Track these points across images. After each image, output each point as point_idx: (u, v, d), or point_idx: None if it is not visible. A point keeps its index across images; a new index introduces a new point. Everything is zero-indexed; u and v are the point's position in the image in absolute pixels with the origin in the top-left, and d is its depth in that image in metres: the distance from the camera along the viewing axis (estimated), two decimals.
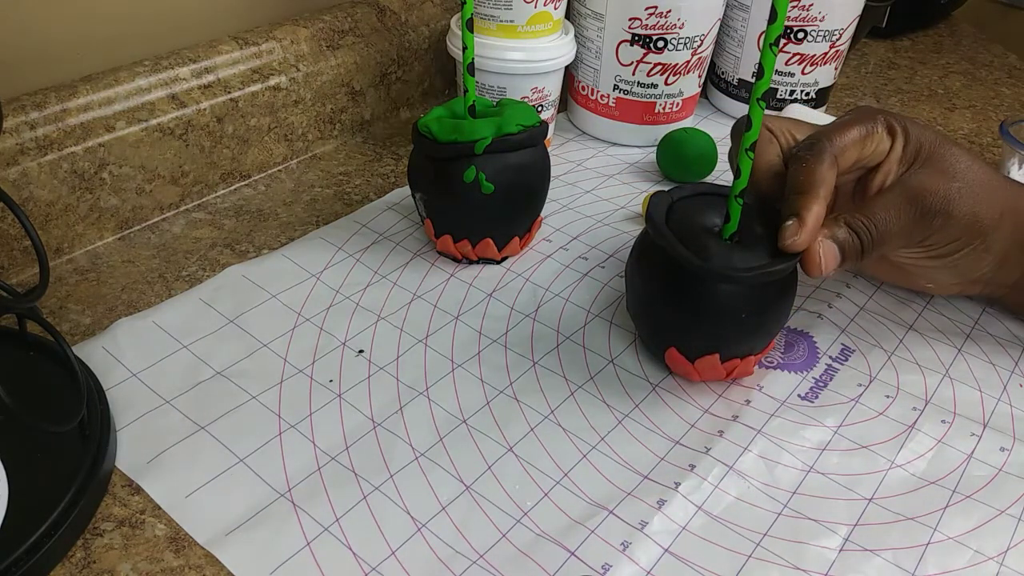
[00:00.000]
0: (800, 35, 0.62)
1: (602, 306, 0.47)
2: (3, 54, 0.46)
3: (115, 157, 0.48)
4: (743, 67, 0.65)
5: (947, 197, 0.39)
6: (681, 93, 0.61)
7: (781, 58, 0.63)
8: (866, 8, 0.64)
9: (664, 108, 0.61)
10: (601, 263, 0.50)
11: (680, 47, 0.58)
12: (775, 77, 0.64)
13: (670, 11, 0.56)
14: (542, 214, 0.51)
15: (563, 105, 0.66)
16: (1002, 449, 0.39)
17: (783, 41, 0.62)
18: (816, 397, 0.41)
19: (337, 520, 0.34)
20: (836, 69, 0.65)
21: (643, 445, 0.38)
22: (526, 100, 0.57)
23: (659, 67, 0.58)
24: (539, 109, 0.58)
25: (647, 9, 0.56)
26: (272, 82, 0.55)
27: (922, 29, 0.88)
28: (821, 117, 0.64)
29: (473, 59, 0.44)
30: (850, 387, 0.42)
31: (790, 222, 0.37)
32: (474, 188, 0.44)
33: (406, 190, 0.56)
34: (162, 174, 0.51)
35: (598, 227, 0.53)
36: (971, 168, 0.40)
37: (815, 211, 0.37)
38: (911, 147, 0.40)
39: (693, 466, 0.37)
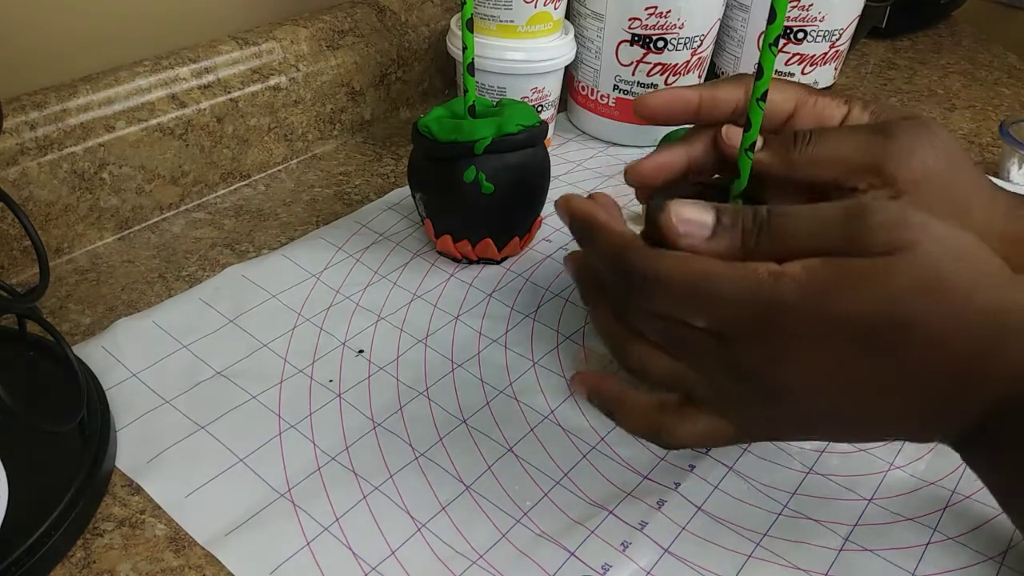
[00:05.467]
0: (800, 35, 0.62)
1: None
2: (3, 54, 0.46)
3: (115, 157, 0.48)
4: (743, 67, 0.65)
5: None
6: None
7: (781, 58, 0.63)
8: (866, 8, 0.64)
9: None
10: None
11: (680, 47, 0.58)
12: (775, 77, 0.64)
13: (670, 11, 0.56)
14: (542, 214, 0.51)
15: (563, 105, 0.66)
16: None
17: (783, 41, 0.62)
18: None
19: (337, 520, 0.34)
20: (836, 69, 0.65)
21: (643, 445, 0.38)
22: (526, 100, 0.57)
23: (659, 67, 0.58)
24: (539, 109, 0.58)
25: (647, 9, 0.56)
26: (272, 82, 0.55)
27: (922, 29, 0.88)
28: None
29: (473, 59, 0.44)
30: None
31: None
32: (474, 188, 0.44)
33: (406, 190, 0.56)
34: (162, 174, 0.51)
35: None
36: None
37: None
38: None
39: (693, 466, 0.37)
